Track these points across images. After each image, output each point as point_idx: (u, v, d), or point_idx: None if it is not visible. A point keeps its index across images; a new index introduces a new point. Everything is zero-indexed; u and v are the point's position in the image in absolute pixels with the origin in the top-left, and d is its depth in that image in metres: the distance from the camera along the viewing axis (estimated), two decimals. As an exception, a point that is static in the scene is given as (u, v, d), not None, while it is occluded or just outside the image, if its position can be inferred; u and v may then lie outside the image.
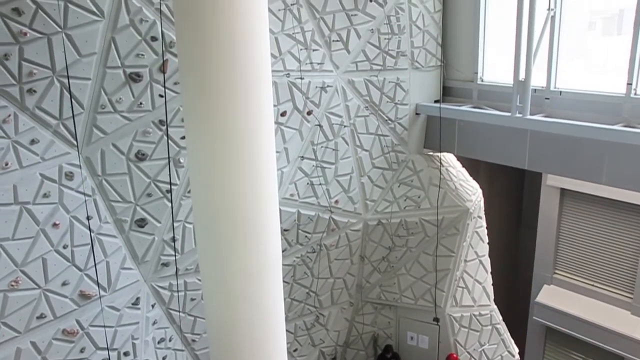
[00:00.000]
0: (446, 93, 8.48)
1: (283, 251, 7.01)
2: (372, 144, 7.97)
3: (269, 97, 3.93)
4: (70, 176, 5.25)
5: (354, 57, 7.47)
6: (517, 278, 13.04)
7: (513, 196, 12.92)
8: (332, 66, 7.31)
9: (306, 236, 7.64)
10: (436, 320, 8.62)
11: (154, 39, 5.51)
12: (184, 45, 3.73)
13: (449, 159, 8.69)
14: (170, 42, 5.64)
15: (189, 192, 5.99)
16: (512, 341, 9.26)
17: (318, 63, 7.12)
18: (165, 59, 5.62)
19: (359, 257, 8.56)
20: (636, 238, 10.01)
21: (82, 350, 5.60)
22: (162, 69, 5.62)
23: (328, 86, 7.29)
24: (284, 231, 7.31)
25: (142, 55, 5.48)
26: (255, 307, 4.20)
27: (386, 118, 7.97)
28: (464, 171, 8.82)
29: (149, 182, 5.83)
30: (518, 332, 10.73)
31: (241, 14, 3.58)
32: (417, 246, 8.44)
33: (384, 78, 7.79)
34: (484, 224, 8.66)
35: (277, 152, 6.89)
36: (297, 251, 7.66)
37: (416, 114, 8.25)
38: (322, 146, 7.45)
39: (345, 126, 7.61)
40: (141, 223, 5.88)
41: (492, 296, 8.92)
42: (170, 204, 5.98)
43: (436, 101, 8.37)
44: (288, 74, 6.83)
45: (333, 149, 7.57)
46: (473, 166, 9.39)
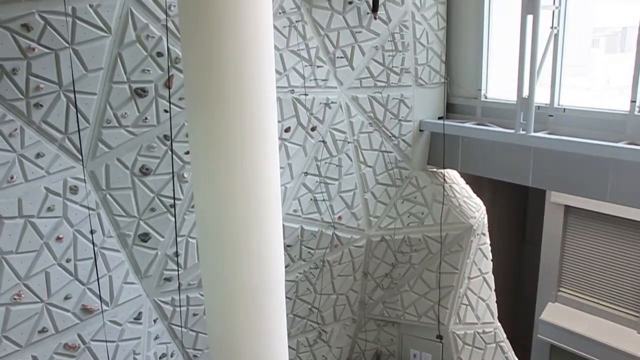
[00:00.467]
0: (450, 110, 8.50)
1: (286, 267, 7.00)
2: (376, 160, 7.98)
3: (274, 113, 3.95)
4: (74, 190, 5.27)
5: (358, 74, 7.52)
6: (521, 295, 12.96)
7: (517, 213, 12.89)
8: (337, 82, 7.35)
9: (309, 252, 7.62)
10: (439, 337, 8.55)
11: (160, 55, 5.56)
12: (190, 61, 3.76)
13: (453, 176, 8.68)
14: (175, 58, 5.69)
15: (193, 207, 6.00)
16: (517, 359, 9.18)
17: (322, 79, 7.16)
18: (170, 75, 5.66)
19: (362, 274, 8.52)
20: (642, 256, 9.96)
21: (84, 365, 5.58)
22: (168, 85, 5.67)
23: (332, 102, 7.32)
24: (287, 247, 7.30)
25: (148, 70, 5.52)
26: (257, 323, 4.18)
27: (390, 134, 7.98)
28: (468, 188, 8.81)
29: (153, 197, 5.84)
30: (522, 350, 10.63)
31: (247, 31, 3.61)
32: (421, 263, 8.40)
33: (388, 95, 7.82)
34: (488, 241, 8.62)
35: (281, 168, 6.91)
36: (300, 267, 7.64)
37: (420, 131, 8.26)
38: (326, 162, 7.47)
39: (349, 142, 7.63)
40: (144, 237, 5.88)
41: (496, 314, 8.85)
42: (173, 219, 5.99)
43: (440, 118, 8.39)
44: (292, 90, 6.87)
45: (337, 165, 7.58)
46: (476, 183, 9.38)
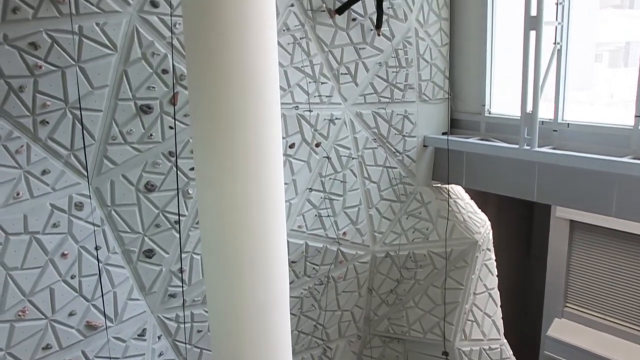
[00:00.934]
0: (454, 125, 8.51)
1: (290, 283, 6.97)
2: (380, 176, 7.98)
3: (278, 130, 3.97)
4: (80, 206, 5.29)
5: (362, 90, 7.55)
6: (527, 311, 12.85)
7: (522, 228, 12.81)
8: (341, 99, 7.38)
9: (314, 268, 7.60)
10: (445, 354, 8.47)
11: (165, 72, 5.61)
12: (194, 78, 3.79)
13: (457, 191, 8.67)
14: (180, 75, 5.73)
15: (197, 223, 6.00)
16: (523, 376, 9.10)
17: (326, 96, 7.19)
18: (175, 92, 5.70)
19: (367, 290, 8.48)
20: (648, 271, 9.88)
21: (88, 382, 5.56)
22: (173, 102, 5.71)
23: (336, 118, 7.34)
24: (292, 263, 7.28)
25: (153, 87, 5.57)
26: (262, 340, 4.16)
27: (394, 150, 7.99)
28: (472, 203, 8.79)
29: (158, 213, 5.85)
30: (529, 367, 10.53)
31: (251, 48, 3.64)
32: (426, 279, 8.36)
33: (392, 110, 7.85)
34: (493, 257, 8.58)
35: (286, 184, 6.91)
36: (305, 283, 7.61)
37: (424, 146, 8.26)
38: (331, 178, 7.47)
39: (353, 158, 7.64)
40: (149, 254, 5.88)
41: (502, 330, 8.78)
42: (178, 235, 5.99)
43: (444, 133, 8.40)
44: (297, 107, 6.90)
45: (341, 181, 7.58)
46: (481, 198, 9.35)
